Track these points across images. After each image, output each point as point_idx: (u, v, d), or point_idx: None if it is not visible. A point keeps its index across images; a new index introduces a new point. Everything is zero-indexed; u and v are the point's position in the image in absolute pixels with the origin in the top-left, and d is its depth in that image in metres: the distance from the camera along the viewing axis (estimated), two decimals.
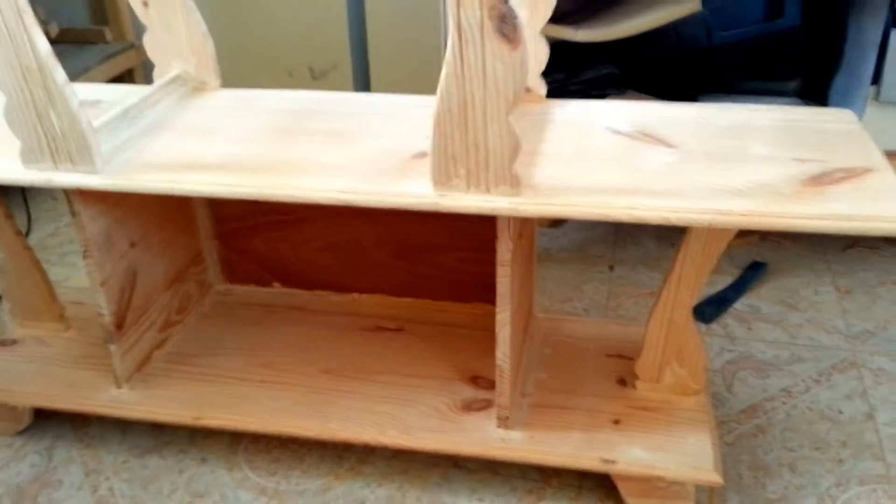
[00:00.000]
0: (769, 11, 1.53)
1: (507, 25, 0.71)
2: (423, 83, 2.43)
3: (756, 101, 1.59)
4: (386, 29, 2.32)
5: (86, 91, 1.11)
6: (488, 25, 0.71)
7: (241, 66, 2.41)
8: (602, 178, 0.83)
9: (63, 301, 1.23)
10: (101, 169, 0.88)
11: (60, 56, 0.83)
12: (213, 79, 1.13)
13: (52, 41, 2.18)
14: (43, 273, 1.18)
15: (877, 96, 1.46)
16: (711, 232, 0.89)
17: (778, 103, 1.60)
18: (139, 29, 2.44)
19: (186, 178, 0.87)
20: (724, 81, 1.59)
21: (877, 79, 1.45)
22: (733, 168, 0.84)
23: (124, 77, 2.43)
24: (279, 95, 1.10)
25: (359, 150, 0.92)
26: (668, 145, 0.90)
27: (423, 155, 0.91)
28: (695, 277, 0.93)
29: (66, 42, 2.24)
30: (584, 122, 0.97)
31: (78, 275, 1.60)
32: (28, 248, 1.15)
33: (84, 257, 0.99)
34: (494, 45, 0.72)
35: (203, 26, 1.10)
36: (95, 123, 0.91)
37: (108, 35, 2.38)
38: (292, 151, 0.93)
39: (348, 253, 1.26)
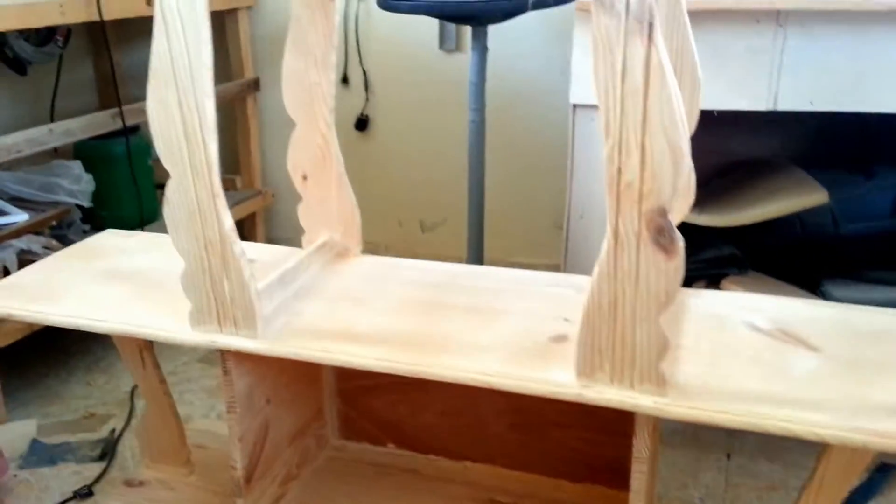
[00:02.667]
0: None
1: (664, 237, 0.74)
2: (536, 247, 2.51)
3: (883, 290, 1.57)
4: (504, 190, 2.42)
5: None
6: (645, 235, 0.75)
7: None
8: (746, 381, 0.83)
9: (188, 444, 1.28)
10: (261, 334, 0.95)
11: None
12: (355, 245, 1.21)
13: None
14: (177, 419, 1.23)
15: None
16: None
17: None
18: (265, 177, 2.64)
19: (338, 348, 0.92)
20: (849, 269, 1.58)
21: None
22: (882, 380, 0.83)
23: (245, 221, 2.60)
24: (417, 266, 1.16)
25: (498, 330, 0.96)
26: (810, 348, 0.90)
27: (561, 339, 0.93)
28: (837, 489, 0.89)
29: None
30: (720, 316, 0.99)
31: (197, 414, 1.66)
32: (168, 395, 1.21)
33: (228, 412, 1.03)
34: (650, 253, 0.75)
35: (353, 199, 1.19)
36: (258, 286, 0.98)
37: (239, 183, 2.57)
38: (435, 326, 0.97)
39: (465, 420, 1.27)
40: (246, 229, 2.62)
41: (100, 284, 1.10)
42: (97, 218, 1.97)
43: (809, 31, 1.22)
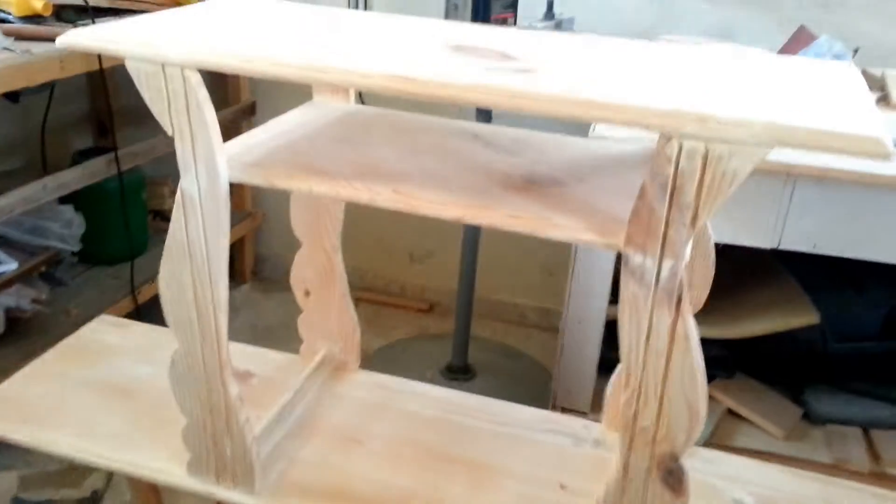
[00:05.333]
0: (886, 332, 1.56)
1: (673, 478, 0.75)
2: (525, 289, 2.51)
3: (862, 404, 1.60)
4: (495, 235, 2.42)
5: (238, 356, 1.19)
6: (655, 474, 0.76)
7: (344, 241, 2.55)
8: None
9: None
10: (258, 489, 0.95)
11: None
12: (354, 361, 1.21)
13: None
14: None
15: None
16: None
17: (881, 408, 1.61)
18: (255, 198, 2.61)
19: None
20: (833, 380, 1.61)
21: None
22: None
23: (236, 245, 2.57)
24: (415, 392, 1.16)
25: (497, 498, 0.96)
26: None
27: None
28: None
29: None
30: (711, 490, 1.00)
31: None
32: (157, 491, 1.21)
33: None
34: (658, 489, 0.76)
35: (355, 317, 1.18)
36: (256, 430, 0.97)
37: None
38: (434, 489, 0.97)
39: None
40: (234, 248, 2.59)
41: (95, 402, 1.09)
42: (87, 254, 1.94)
43: (819, 181, 1.22)
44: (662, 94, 0.65)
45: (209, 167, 0.76)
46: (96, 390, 1.11)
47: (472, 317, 2.13)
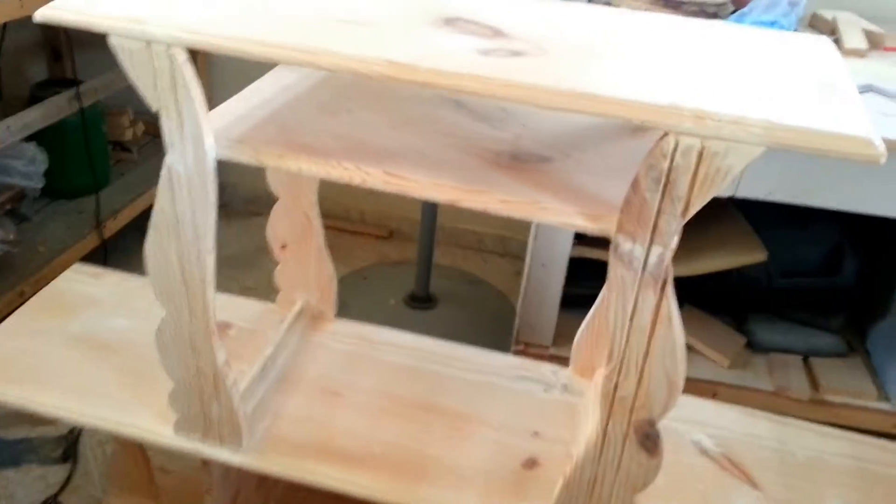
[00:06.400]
0: (827, 267, 1.64)
1: (649, 441, 0.81)
2: (485, 216, 2.52)
3: (800, 330, 1.70)
4: None
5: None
6: (632, 437, 0.81)
7: None
8: None
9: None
10: (245, 447, 0.97)
11: (146, 148, 0.92)
12: (330, 310, 1.23)
13: (140, 136, 2.27)
14: (147, 462, 1.26)
15: None
16: None
17: (819, 336, 1.71)
18: None
19: (321, 470, 0.96)
20: (774, 310, 1.70)
21: None
22: None
23: None
24: (391, 342, 1.18)
25: (473, 450, 1.01)
26: (753, 484, 1.01)
27: (532, 463, 1.00)
28: None
29: (151, 134, 2.32)
30: (671, 433, 1.07)
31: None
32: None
33: (205, 492, 1.07)
34: (634, 451, 0.82)
35: (331, 269, 1.20)
36: (241, 387, 1.00)
37: None
38: (413, 440, 1.02)
39: None
40: None
41: (77, 358, 1.09)
42: (49, 188, 1.90)
43: None
44: (657, 85, 0.66)
45: (196, 145, 0.75)
46: (77, 346, 1.11)
47: (434, 247, 2.16)
